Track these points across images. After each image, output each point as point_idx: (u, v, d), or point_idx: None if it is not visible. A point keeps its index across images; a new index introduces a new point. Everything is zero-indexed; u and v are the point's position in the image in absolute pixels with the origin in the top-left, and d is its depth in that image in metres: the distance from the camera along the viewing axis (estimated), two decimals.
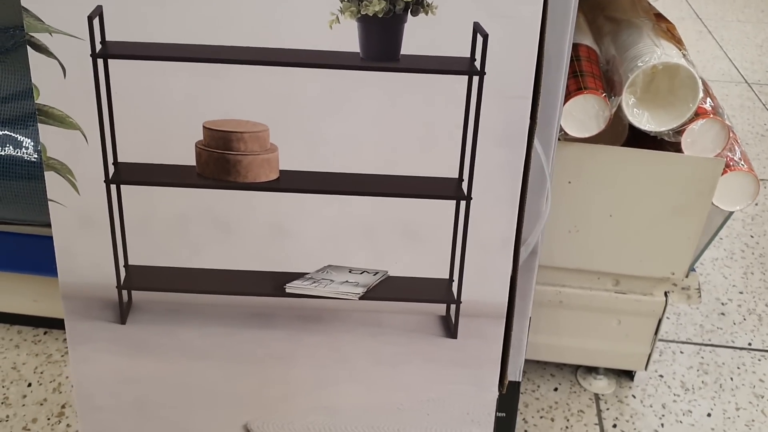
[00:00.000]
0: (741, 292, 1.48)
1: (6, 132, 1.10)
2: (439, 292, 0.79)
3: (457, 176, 0.74)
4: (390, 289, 0.78)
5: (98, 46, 0.70)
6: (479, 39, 0.68)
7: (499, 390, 0.83)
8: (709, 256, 1.58)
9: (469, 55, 0.69)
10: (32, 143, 1.13)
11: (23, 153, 1.11)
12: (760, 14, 2.92)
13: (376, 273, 0.78)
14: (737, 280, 1.51)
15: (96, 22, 0.69)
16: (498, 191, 0.74)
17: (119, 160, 0.74)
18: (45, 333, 1.29)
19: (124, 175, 0.74)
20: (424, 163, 0.74)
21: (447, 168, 0.74)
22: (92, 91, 0.71)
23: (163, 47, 0.69)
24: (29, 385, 1.19)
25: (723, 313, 1.43)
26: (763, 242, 1.63)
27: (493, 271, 0.77)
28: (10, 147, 1.11)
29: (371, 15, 0.67)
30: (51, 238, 0.78)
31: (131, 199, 0.76)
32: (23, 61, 0.71)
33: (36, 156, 1.13)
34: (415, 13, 0.67)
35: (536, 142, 0.74)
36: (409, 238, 0.76)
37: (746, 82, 2.36)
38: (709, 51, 2.58)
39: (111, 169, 0.75)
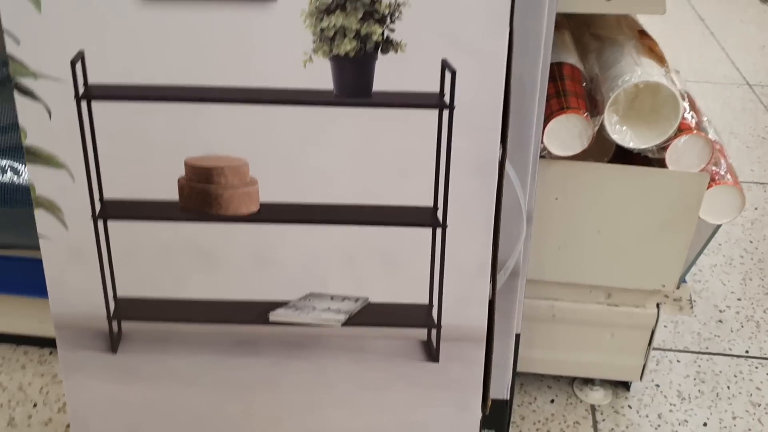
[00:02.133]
0: (739, 299, 1.47)
1: (6, 161, 1.13)
2: (420, 317, 0.80)
3: (432, 205, 0.76)
4: (371, 315, 0.79)
5: (81, 89, 0.72)
6: (448, 74, 0.70)
7: (482, 411, 0.84)
8: (708, 262, 1.57)
9: (438, 90, 0.71)
10: None
11: (23, 180, 1.14)
12: (762, 15, 2.89)
13: (357, 300, 0.79)
14: (735, 287, 1.50)
15: (78, 66, 0.71)
16: (472, 218, 0.75)
17: (105, 196, 0.76)
18: (50, 353, 1.30)
19: (111, 210, 0.76)
20: (400, 193, 0.75)
21: (422, 197, 0.75)
22: (77, 131, 0.73)
23: (143, 89, 0.71)
24: (35, 405, 1.20)
25: (721, 321, 1.42)
26: (762, 247, 1.62)
27: (472, 296, 0.78)
28: (11, 174, 1.14)
29: (343, 54, 0.69)
30: None
31: (118, 233, 0.77)
32: None
33: None
34: (385, 51, 0.69)
35: (510, 169, 0.75)
36: (388, 265, 0.78)
37: (748, 84, 2.34)
38: (711, 53, 2.57)
39: (98, 206, 0.77)
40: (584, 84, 1.05)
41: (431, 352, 0.82)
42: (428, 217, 0.76)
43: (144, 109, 0.72)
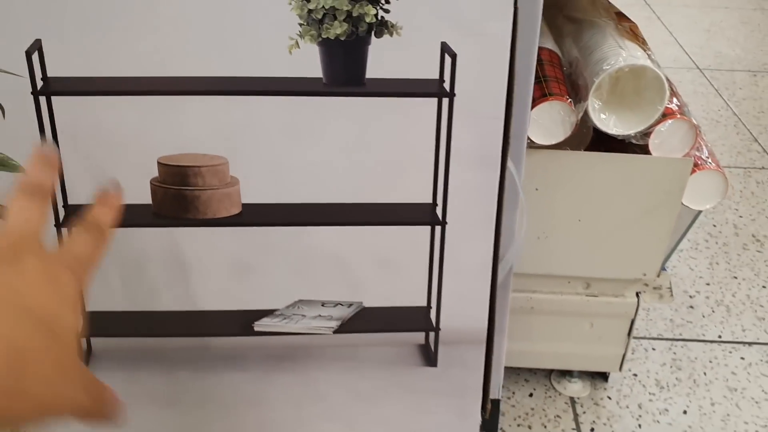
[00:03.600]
0: (708, 284, 1.49)
1: None
2: (417, 321, 0.77)
3: (431, 201, 0.72)
4: (366, 320, 0.76)
5: (39, 83, 0.66)
6: (448, 59, 0.66)
7: (482, 415, 0.81)
8: None
9: (438, 76, 0.67)
10: None
11: None
12: None
13: (351, 305, 0.76)
14: (703, 272, 1.52)
15: (35, 57, 0.65)
16: (474, 214, 0.72)
17: (69, 201, 0.71)
18: None
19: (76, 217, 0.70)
20: (395, 189, 0.72)
21: (420, 193, 0.72)
22: (35, 130, 0.67)
23: (109, 81, 0.65)
24: None
25: (692, 306, 1.43)
26: (725, 231, 1.64)
27: (472, 296, 0.75)
28: None
29: (333, 38, 0.64)
30: None
31: None
32: None
33: None
34: (379, 35, 0.64)
35: (509, 161, 0.71)
36: (383, 267, 0.74)
37: (698, 67, 2.38)
38: (659, 37, 2.60)
39: (62, 212, 0.71)
40: (564, 69, 1.02)
41: (429, 357, 0.79)
42: (427, 215, 0.72)
43: (110, 104, 0.66)
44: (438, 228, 0.73)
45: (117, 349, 0.77)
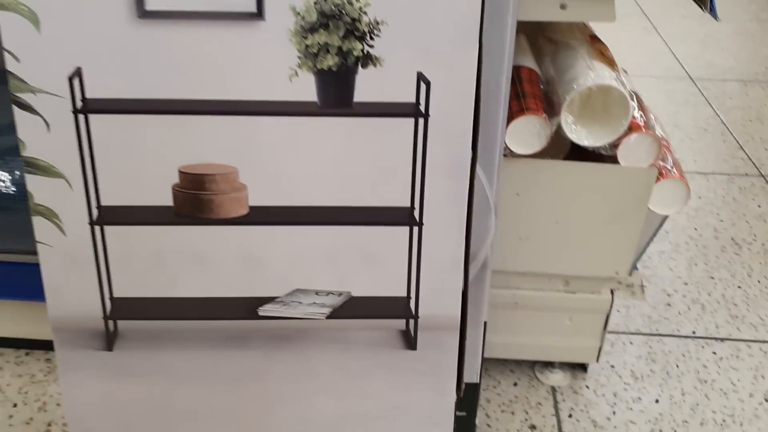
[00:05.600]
0: (686, 283, 1.55)
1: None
2: (398, 309, 0.85)
3: (409, 205, 0.81)
4: (354, 308, 0.84)
5: (79, 104, 0.75)
6: (423, 86, 0.75)
7: (457, 394, 0.89)
8: (656, 249, 1.64)
9: (414, 100, 0.76)
10: (8, 176, 1.17)
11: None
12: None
13: (340, 294, 0.83)
14: (682, 272, 1.58)
15: (76, 81, 0.74)
16: (446, 217, 0.80)
17: (102, 203, 0.79)
18: (27, 354, 1.30)
19: (107, 217, 0.79)
20: (378, 195, 0.80)
21: (399, 198, 0.80)
22: (75, 142, 0.76)
23: (138, 102, 0.74)
24: (15, 405, 1.20)
25: (669, 304, 1.49)
26: (705, 234, 1.70)
27: (446, 288, 0.83)
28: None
29: (326, 69, 0.74)
30: (29, 264, 0.83)
31: (114, 238, 0.80)
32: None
33: (13, 189, 1.16)
34: (365, 66, 0.74)
35: (479, 170, 0.81)
36: (368, 262, 0.82)
37: (690, 77, 2.42)
38: (654, 47, 2.64)
39: (95, 212, 0.79)
40: (541, 86, 1.11)
41: (410, 341, 0.86)
42: (405, 217, 0.80)
43: (139, 121, 0.75)
44: (415, 228, 0.81)
45: (140, 330, 0.84)
